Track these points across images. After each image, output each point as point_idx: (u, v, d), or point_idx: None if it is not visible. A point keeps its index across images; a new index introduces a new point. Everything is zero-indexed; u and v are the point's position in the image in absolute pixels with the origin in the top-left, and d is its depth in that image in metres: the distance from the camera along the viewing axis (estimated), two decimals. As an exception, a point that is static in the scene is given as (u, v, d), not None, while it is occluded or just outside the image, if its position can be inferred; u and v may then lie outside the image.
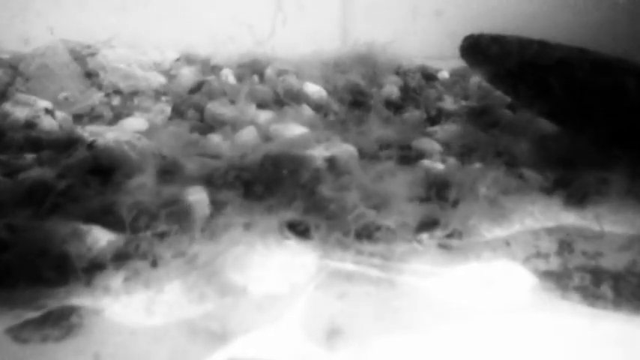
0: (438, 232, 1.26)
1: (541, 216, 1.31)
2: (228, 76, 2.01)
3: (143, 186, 1.31)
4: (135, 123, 1.65)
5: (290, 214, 1.25)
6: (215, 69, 2.07)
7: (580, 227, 1.30)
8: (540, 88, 1.59)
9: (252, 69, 2.11)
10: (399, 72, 2.24)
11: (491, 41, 1.69)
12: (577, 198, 1.39)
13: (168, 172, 1.38)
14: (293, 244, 1.18)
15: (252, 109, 1.79)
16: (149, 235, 1.15)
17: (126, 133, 1.56)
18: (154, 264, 1.11)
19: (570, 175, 1.46)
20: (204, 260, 1.09)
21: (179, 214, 1.22)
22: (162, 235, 1.16)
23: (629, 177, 1.46)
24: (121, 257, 1.11)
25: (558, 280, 1.11)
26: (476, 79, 2.16)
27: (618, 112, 1.51)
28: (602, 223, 1.28)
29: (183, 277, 1.07)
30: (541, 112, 1.68)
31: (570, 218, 1.34)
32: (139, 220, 1.18)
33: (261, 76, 2.09)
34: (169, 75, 1.94)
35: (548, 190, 1.43)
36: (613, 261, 1.19)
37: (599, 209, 1.33)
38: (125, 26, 2.06)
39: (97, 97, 1.71)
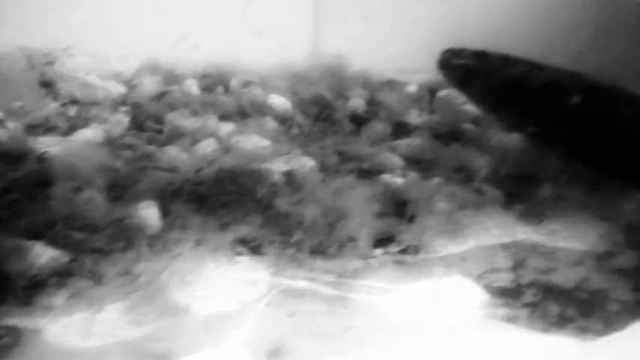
0: (393, 248, 1.25)
1: (497, 231, 1.31)
2: (192, 87, 1.98)
3: (92, 200, 1.27)
4: (90, 134, 1.60)
5: (244, 230, 1.23)
6: (179, 79, 2.04)
7: (535, 242, 1.30)
8: (527, 109, 1.56)
9: (217, 80, 2.09)
10: (366, 85, 2.24)
11: (473, 57, 1.67)
12: (533, 213, 1.39)
13: (120, 185, 1.35)
14: (245, 260, 1.16)
15: (214, 121, 1.76)
16: (94, 251, 1.12)
17: (80, 144, 1.52)
18: (98, 282, 1.08)
19: (527, 190, 1.47)
20: (150, 278, 1.06)
21: (127, 230, 1.19)
22: (107, 252, 1.13)
23: (586, 193, 1.48)
24: (63, 275, 1.07)
25: (509, 296, 1.11)
26: (442, 94, 2.17)
27: (611, 140, 1.46)
28: (556, 238, 1.29)
29: (127, 296, 1.03)
30: (525, 132, 1.64)
31: (526, 233, 1.34)
32: (84, 236, 1.15)
33: (226, 87, 2.07)
34: (130, 85, 1.90)
35: (505, 205, 1.43)
36: (565, 277, 1.20)
37: (554, 224, 1.34)
38: (87, 34, 2.02)
39: (53, 106, 1.67)
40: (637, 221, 1.38)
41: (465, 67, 1.68)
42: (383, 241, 1.26)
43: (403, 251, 1.24)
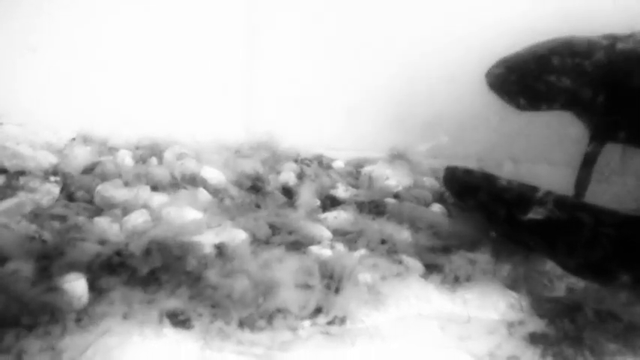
0: (321, 320, 1.29)
1: (416, 300, 1.39)
2: (125, 158, 2.00)
3: (17, 272, 1.25)
4: (18, 204, 1.58)
5: (172, 303, 1.24)
6: (112, 150, 2.06)
7: (451, 312, 1.39)
8: (509, 221, 1.72)
9: (151, 151, 2.12)
10: (297, 160, 2.35)
11: (464, 174, 1.87)
12: (449, 282, 1.50)
13: (47, 257, 1.33)
14: (172, 334, 1.16)
15: (146, 192, 1.78)
16: (16, 325, 1.09)
17: (6, 214, 1.49)
18: (19, 358, 1.05)
19: (442, 259, 1.58)
20: (74, 354, 1.04)
21: (52, 304, 1.17)
22: (30, 327, 1.10)
23: (494, 256, 1.62)
24: (-20, 352, 1.03)
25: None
26: (367, 169, 2.32)
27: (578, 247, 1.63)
28: (468, 308, 1.38)
29: (48, 373, 1.01)
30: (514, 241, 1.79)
31: (444, 302, 1.43)
32: (6, 310, 1.12)
33: (160, 158, 2.11)
34: (62, 155, 1.90)
35: (425, 275, 1.53)
36: (480, 344, 1.28)
37: (467, 294, 1.44)
38: (19, 104, 2.02)
39: (-21, 176, 1.64)
40: (541, 289, 1.52)
41: (459, 183, 1.90)
42: (310, 312, 1.30)
43: (330, 322, 1.28)
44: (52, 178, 1.75)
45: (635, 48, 1.85)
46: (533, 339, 1.31)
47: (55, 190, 1.70)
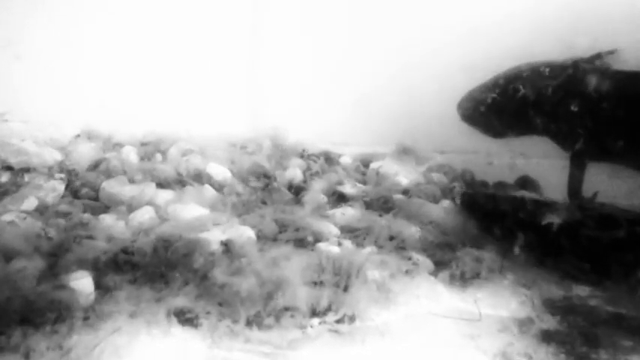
0: (330, 318, 1.28)
1: (426, 299, 1.38)
2: (130, 154, 1.99)
3: (23, 270, 1.23)
4: (23, 201, 1.56)
5: (180, 301, 1.23)
6: (117, 146, 2.04)
7: (462, 310, 1.37)
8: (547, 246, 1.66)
9: (155, 147, 2.11)
10: (303, 155, 2.33)
11: (486, 199, 1.84)
12: (458, 279, 1.48)
13: (53, 255, 1.32)
14: (180, 332, 1.15)
15: (151, 189, 1.76)
16: (23, 324, 1.08)
17: (11, 212, 1.48)
18: (26, 357, 1.03)
19: (450, 256, 1.57)
20: (82, 353, 1.03)
21: (59, 302, 1.15)
22: (38, 325, 1.09)
23: (501, 255, 1.60)
24: (-13, 350, 1.02)
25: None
26: (375, 165, 2.29)
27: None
28: (479, 306, 1.36)
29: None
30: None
31: (454, 300, 1.41)
32: (12, 308, 1.11)
33: (165, 155, 2.09)
34: (66, 151, 1.88)
35: (434, 273, 1.51)
36: (492, 343, 1.26)
37: (478, 292, 1.43)
38: (24, 100, 2.01)
39: (-16, 173, 1.63)
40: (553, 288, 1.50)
41: (480, 209, 1.84)
42: (319, 310, 1.28)
43: (339, 320, 1.27)
44: (57, 175, 1.73)
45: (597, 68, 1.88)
46: (546, 337, 1.29)
47: (60, 186, 1.69)
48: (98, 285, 1.25)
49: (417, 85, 2.48)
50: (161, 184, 1.84)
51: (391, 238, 1.66)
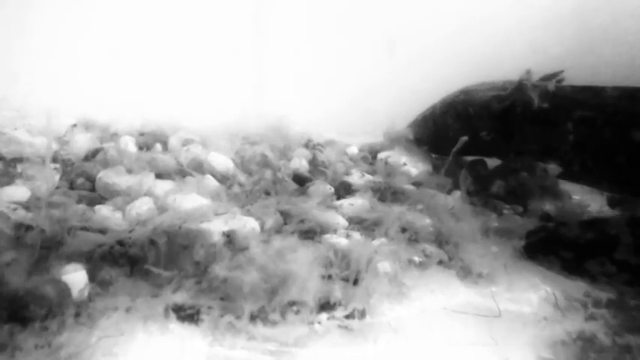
0: (338, 313, 1.20)
1: (441, 293, 1.30)
2: (128, 144, 1.91)
3: (14, 263, 1.16)
4: (15, 192, 1.49)
5: (179, 296, 1.15)
6: (115, 136, 1.96)
7: (479, 305, 1.29)
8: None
9: (155, 137, 2.03)
10: (309, 145, 2.25)
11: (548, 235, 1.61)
12: (472, 272, 1.40)
13: (46, 247, 1.24)
14: (179, 329, 1.07)
15: (150, 179, 1.68)
16: (11, 320, 1.00)
17: (2, 203, 1.40)
18: (12, 356, 0.96)
19: (463, 248, 1.48)
20: (72, 351, 0.95)
21: (50, 297, 1.08)
22: (26, 322, 1.02)
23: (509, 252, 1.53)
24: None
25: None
26: (383, 155, 2.21)
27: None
28: (497, 301, 1.28)
29: (43, 373, 0.92)
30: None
31: (470, 295, 1.33)
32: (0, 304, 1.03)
33: (165, 144, 2.01)
34: (62, 141, 1.81)
35: (448, 265, 1.43)
36: (512, 340, 1.18)
37: (494, 287, 1.34)
38: (17, 87, 1.93)
39: (-25, 162, 1.55)
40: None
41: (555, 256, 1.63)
42: (327, 305, 1.21)
43: (349, 316, 1.19)
44: (52, 165, 1.65)
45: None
46: (571, 335, 1.21)
47: (55, 177, 1.61)
48: (92, 279, 1.17)
49: (424, 73, 2.40)
50: (160, 175, 1.76)
51: (403, 230, 1.57)
